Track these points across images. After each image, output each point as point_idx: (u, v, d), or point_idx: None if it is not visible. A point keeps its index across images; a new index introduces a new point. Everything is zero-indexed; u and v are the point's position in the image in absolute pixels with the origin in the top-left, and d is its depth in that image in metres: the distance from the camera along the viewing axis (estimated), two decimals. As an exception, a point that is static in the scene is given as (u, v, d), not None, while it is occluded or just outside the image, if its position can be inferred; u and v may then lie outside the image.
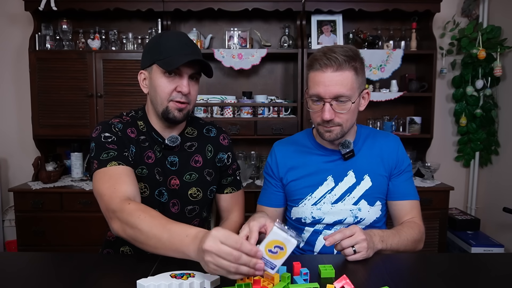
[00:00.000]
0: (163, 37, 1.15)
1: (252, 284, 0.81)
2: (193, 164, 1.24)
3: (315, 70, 1.14)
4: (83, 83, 2.48)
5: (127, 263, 0.96)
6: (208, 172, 1.26)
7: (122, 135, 1.16)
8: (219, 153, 1.30)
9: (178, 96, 1.13)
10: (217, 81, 2.82)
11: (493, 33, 2.64)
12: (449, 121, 2.92)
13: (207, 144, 1.29)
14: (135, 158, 1.16)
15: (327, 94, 1.12)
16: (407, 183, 1.28)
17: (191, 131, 1.29)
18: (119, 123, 1.18)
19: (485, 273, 0.96)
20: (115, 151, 1.11)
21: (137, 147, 1.18)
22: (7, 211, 2.83)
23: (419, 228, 1.23)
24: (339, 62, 1.10)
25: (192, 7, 2.49)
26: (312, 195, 1.26)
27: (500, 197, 2.63)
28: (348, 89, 1.12)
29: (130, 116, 1.24)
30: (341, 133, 1.19)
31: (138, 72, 1.21)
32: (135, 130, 1.20)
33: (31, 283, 0.88)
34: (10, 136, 2.82)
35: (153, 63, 1.14)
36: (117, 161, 1.08)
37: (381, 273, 0.94)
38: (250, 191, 2.32)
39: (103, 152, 1.10)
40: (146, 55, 1.18)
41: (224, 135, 1.33)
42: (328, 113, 1.13)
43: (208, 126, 1.33)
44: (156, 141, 1.21)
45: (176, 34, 1.18)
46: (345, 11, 2.57)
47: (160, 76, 1.13)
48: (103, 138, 1.13)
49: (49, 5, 2.41)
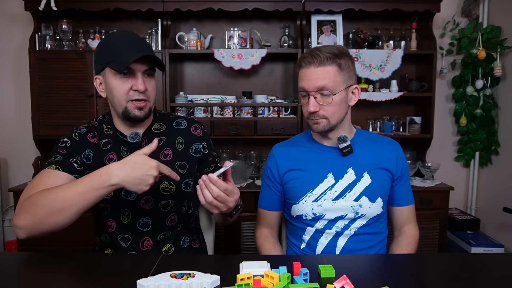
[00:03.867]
0: (110, 38, 1.15)
1: (252, 284, 0.81)
2: (163, 158, 1.23)
3: (301, 67, 1.23)
4: (83, 83, 2.48)
5: (127, 263, 0.96)
6: (180, 164, 1.25)
7: (79, 140, 1.20)
8: (193, 144, 1.29)
9: (135, 95, 1.14)
10: (217, 81, 2.82)
11: (493, 33, 2.64)
12: (449, 121, 2.92)
13: (177, 136, 1.28)
14: (93, 162, 1.19)
15: (311, 88, 1.20)
16: (406, 189, 1.33)
17: (159, 127, 1.28)
18: (84, 128, 1.24)
19: (485, 273, 0.95)
20: (61, 156, 1.16)
21: (95, 151, 1.21)
22: (7, 211, 2.83)
23: (415, 239, 1.32)
24: (320, 58, 1.19)
25: (192, 7, 2.49)
26: (313, 192, 1.26)
27: (500, 197, 2.63)
28: (330, 81, 1.19)
29: (98, 120, 1.29)
30: (328, 125, 1.23)
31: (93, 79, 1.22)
32: (98, 134, 1.24)
33: (31, 283, 0.88)
34: (10, 136, 2.82)
35: (105, 66, 1.14)
36: (57, 165, 1.13)
37: (381, 273, 0.94)
38: (250, 191, 2.32)
39: (53, 156, 1.17)
40: (97, 59, 1.18)
41: (196, 125, 1.32)
42: (312, 105, 1.20)
43: (179, 119, 1.32)
44: (122, 141, 1.22)
45: (123, 33, 1.17)
46: (345, 11, 2.56)
47: (114, 78, 1.14)
48: (60, 143, 1.20)
49: (49, 5, 2.41)
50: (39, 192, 1.03)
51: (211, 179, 0.98)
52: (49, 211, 0.99)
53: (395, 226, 1.36)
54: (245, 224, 2.36)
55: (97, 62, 1.18)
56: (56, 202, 0.99)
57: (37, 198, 1.01)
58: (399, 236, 1.32)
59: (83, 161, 1.19)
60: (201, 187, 1.00)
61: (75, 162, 1.17)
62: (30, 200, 1.02)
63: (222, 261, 1.01)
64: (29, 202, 1.02)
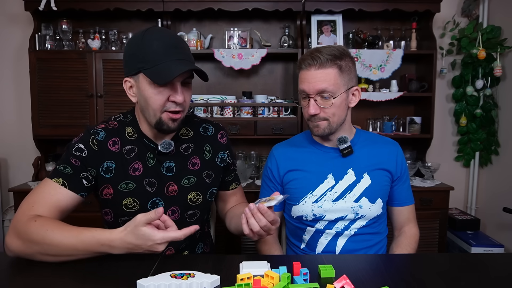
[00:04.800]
0: (145, 39, 1.02)
1: (252, 284, 0.81)
2: (191, 167, 1.17)
3: (302, 69, 1.22)
4: (83, 83, 2.48)
5: (127, 263, 0.96)
6: (207, 174, 1.20)
7: (98, 150, 1.08)
8: (219, 153, 1.24)
9: (172, 106, 1.05)
10: (217, 81, 2.82)
11: (493, 33, 2.64)
12: (449, 121, 2.92)
13: (204, 144, 1.22)
14: (115, 175, 1.09)
15: (311, 90, 1.19)
16: (405, 189, 1.33)
17: (187, 132, 1.21)
18: (103, 131, 1.10)
19: (485, 273, 0.95)
20: (72, 169, 1.05)
21: (118, 161, 1.10)
22: (7, 211, 2.83)
23: (415, 239, 1.32)
24: (321, 60, 1.17)
25: (192, 7, 2.49)
26: (313, 192, 1.26)
27: (500, 197, 2.63)
28: (330, 84, 1.18)
29: (118, 120, 1.15)
30: (329, 128, 1.23)
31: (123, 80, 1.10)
32: (119, 140, 1.11)
33: (31, 283, 0.88)
34: (10, 136, 2.82)
35: (139, 71, 1.03)
36: (64, 180, 1.04)
37: (381, 273, 0.94)
38: (250, 191, 2.32)
39: (63, 163, 1.06)
40: (129, 60, 1.06)
41: (222, 132, 1.27)
42: (312, 108, 1.20)
43: (205, 124, 1.26)
44: (148, 147, 1.13)
45: (160, 34, 1.04)
46: (345, 11, 2.57)
47: (149, 87, 1.03)
48: (73, 149, 1.07)
49: (49, 5, 2.41)
50: (38, 225, 0.95)
51: (261, 210, 0.94)
52: (43, 252, 0.94)
53: (395, 226, 1.36)
54: (245, 224, 2.36)
55: (130, 63, 1.06)
56: (51, 248, 0.93)
57: (34, 233, 0.94)
58: (399, 236, 1.32)
59: (99, 175, 1.09)
60: (247, 216, 0.96)
61: (85, 178, 1.07)
62: (27, 229, 0.95)
63: (222, 261, 1.00)
64: (25, 232, 0.95)
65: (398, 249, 1.29)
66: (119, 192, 1.10)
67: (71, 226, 0.97)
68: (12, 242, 0.96)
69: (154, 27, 1.07)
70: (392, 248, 1.31)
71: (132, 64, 1.05)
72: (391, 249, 1.31)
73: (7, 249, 0.98)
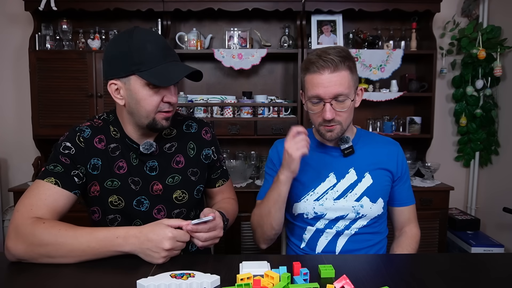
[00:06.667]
0: (136, 40, 1.01)
1: (252, 284, 0.81)
2: (175, 166, 1.17)
3: (312, 73, 1.16)
4: (83, 83, 2.48)
5: (127, 263, 0.96)
6: (192, 171, 1.20)
7: (85, 147, 1.09)
8: (203, 150, 1.23)
9: (166, 107, 1.07)
10: (217, 81, 2.82)
11: (493, 33, 2.64)
12: (449, 121, 2.92)
13: (188, 141, 1.21)
14: (101, 172, 1.10)
15: (327, 95, 1.15)
16: (406, 189, 1.33)
17: (170, 131, 1.21)
18: (88, 129, 1.11)
19: (485, 273, 0.96)
20: (62, 167, 1.05)
21: (104, 158, 1.11)
22: (7, 211, 2.83)
23: (415, 239, 1.31)
24: (335, 63, 1.13)
25: (192, 7, 2.49)
26: (315, 190, 1.26)
27: (500, 197, 2.63)
28: (346, 87, 1.16)
29: (102, 119, 1.16)
30: (341, 131, 1.22)
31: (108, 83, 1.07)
32: (105, 138, 1.12)
33: (30, 282, 0.88)
34: (10, 136, 2.82)
35: (132, 73, 1.02)
36: (57, 179, 1.03)
37: (381, 273, 0.94)
38: (250, 191, 2.32)
39: (53, 163, 1.06)
40: (117, 62, 1.03)
41: (206, 128, 1.26)
42: (329, 113, 1.15)
43: (188, 121, 1.25)
44: (131, 147, 1.14)
45: (151, 36, 1.04)
46: (345, 11, 2.56)
47: (143, 89, 1.03)
48: (61, 148, 1.07)
49: (49, 5, 2.41)
50: (48, 226, 0.95)
51: (191, 231, 0.99)
52: (51, 254, 0.94)
53: (396, 227, 1.36)
54: (245, 224, 2.36)
55: (117, 65, 1.03)
56: (63, 248, 0.93)
57: (45, 234, 0.94)
58: (400, 237, 1.32)
59: (87, 172, 1.09)
60: (191, 235, 1.00)
61: (77, 176, 1.07)
62: (35, 232, 0.94)
63: (222, 261, 1.01)
64: (33, 234, 0.94)
65: (399, 249, 1.28)
66: (105, 189, 1.12)
67: (81, 227, 0.99)
68: (15, 246, 0.95)
69: (137, 27, 1.07)
70: (392, 248, 1.31)
71: (122, 66, 1.03)
72: (392, 249, 1.31)
73: (8, 253, 0.97)
